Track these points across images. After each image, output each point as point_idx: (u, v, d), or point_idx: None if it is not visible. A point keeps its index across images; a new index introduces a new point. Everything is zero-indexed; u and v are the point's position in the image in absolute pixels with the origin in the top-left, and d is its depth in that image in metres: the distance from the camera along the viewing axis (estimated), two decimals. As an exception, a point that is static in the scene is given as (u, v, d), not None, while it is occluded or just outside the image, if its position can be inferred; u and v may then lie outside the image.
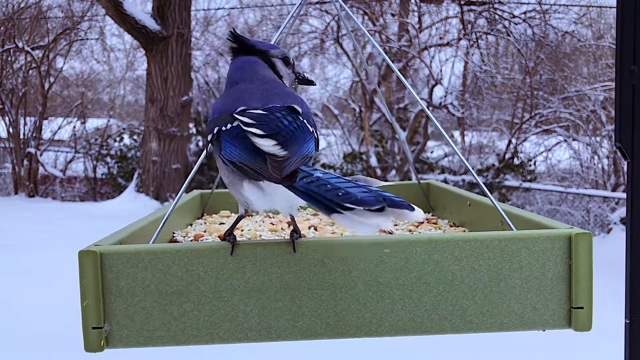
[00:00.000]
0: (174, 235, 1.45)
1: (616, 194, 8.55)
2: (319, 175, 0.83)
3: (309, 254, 0.95)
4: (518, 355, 3.53)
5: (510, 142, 9.93)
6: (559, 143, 10.49)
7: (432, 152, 11.11)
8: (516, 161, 9.74)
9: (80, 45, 12.38)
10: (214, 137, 0.97)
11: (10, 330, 3.75)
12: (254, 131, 0.89)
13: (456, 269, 0.96)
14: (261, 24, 12.00)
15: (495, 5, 9.08)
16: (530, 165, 10.03)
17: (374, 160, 9.87)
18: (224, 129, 0.95)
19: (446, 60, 10.46)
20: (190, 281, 0.94)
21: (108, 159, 11.53)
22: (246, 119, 0.91)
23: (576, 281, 0.97)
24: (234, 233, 1.00)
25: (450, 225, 1.56)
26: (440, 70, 9.68)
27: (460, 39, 9.47)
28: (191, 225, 1.63)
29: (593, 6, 10.05)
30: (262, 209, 0.96)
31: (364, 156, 10.21)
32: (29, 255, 5.61)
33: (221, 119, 0.97)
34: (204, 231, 1.49)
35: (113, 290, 0.94)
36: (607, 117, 9.24)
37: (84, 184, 12.14)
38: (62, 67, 12.33)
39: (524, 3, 9.68)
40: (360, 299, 0.96)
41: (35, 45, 11.42)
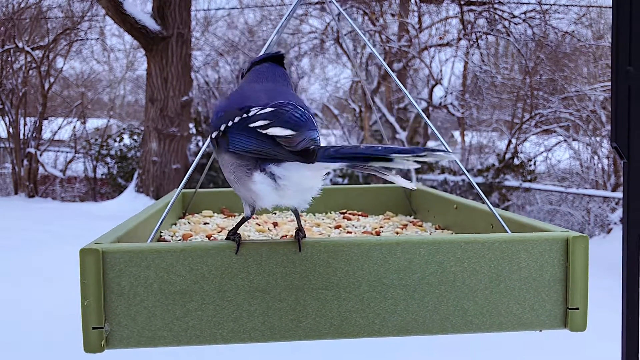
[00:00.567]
0: (162, 234, 1.44)
1: (616, 194, 8.55)
2: (344, 151, 0.84)
3: (314, 254, 0.95)
4: (516, 355, 3.54)
5: (510, 142, 9.93)
6: (559, 143, 10.50)
7: (432, 152, 11.10)
8: (516, 161, 9.74)
9: (80, 45, 12.38)
10: (219, 135, 0.96)
11: (10, 330, 3.75)
12: (261, 124, 0.90)
13: (458, 270, 0.97)
14: (261, 24, 12.01)
15: (495, 5, 9.09)
16: (530, 165, 10.04)
17: (374, 160, 9.86)
18: (231, 123, 0.95)
19: (446, 60, 10.49)
20: (194, 280, 0.93)
21: (108, 159, 11.52)
22: (255, 119, 0.91)
23: (572, 283, 0.98)
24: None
25: (436, 228, 1.57)
26: (440, 70, 9.70)
27: (460, 39, 9.48)
28: (175, 224, 1.62)
29: (593, 6, 10.06)
30: (272, 202, 0.95)
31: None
32: (29, 255, 5.61)
33: (227, 115, 0.97)
34: (191, 231, 1.49)
35: (114, 289, 0.92)
36: (607, 117, 9.24)
37: (84, 184, 12.14)
38: (62, 67, 12.34)
39: (524, 3, 9.69)
40: (364, 299, 0.96)
41: (35, 45, 11.42)
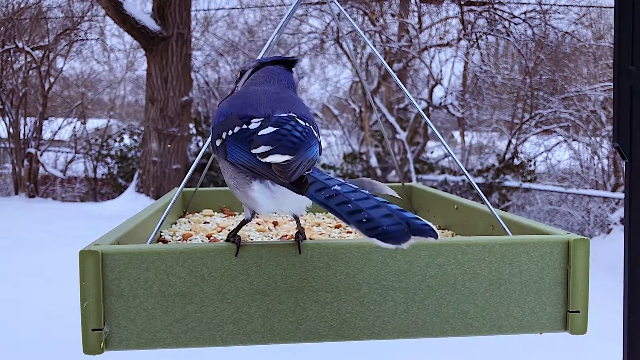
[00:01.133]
0: (162, 234, 1.45)
1: (616, 194, 8.55)
2: (337, 188, 0.82)
3: (314, 257, 0.95)
4: (518, 357, 3.53)
5: (510, 143, 9.93)
6: (559, 143, 10.50)
7: (432, 153, 11.11)
8: (516, 161, 9.74)
9: (81, 45, 12.37)
10: (222, 142, 0.97)
11: (10, 330, 3.75)
12: (262, 150, 0.89)
13: (458, 272, 0.97)
14: (261, 24, 12.00)
15: (495, 6, 9.08)
16: (530, 166, 10.04)
17: (374, 161, 9.87)
18: (231, 133, 0.95)
19: (446, 60, 10.48)
20: (194, 282, 0.93)
21: (108, 159, 11.52)
22: (259, 148, 0.91)
23: (573, 285, 0.98)
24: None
25: (437, 229, 1.56)
26: (440, 71, 9.69)
27: (460, 39, 9.47)
28: (175, 223, 1.63)
29: (593, 6, 10.05)
30: (270, 210, 0.96)
31: (364, 156, 10.21)
32: (29, 256, 5.61)
33: (227, 122, 0.97)
34: (191, 230, 1.49)
35: (114, 291, 0.92)
36: (607, 118, 9.24)
37: (84, 184, 12.13)
38: (62, 68, 12.33)
39: (524, 3, 9.68)
40: (364, 301, 0.96)
41: (35, 45, 11.42)
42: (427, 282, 0.97)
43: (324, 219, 1.72)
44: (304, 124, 0.95)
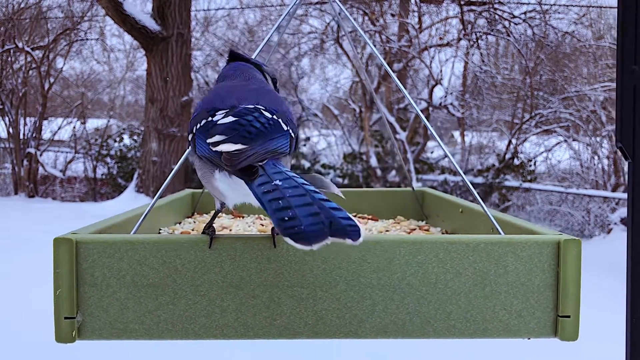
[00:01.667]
0: (160, 231, 1.44)
1: (616, 194, 8.53)
2: (278, 183, 0.82)
3: (289, 250, 0.93)
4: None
5: (510, 143, 9.91)
6: (559, 143, 10.48)
7: (432, 153, 11.09)
8: (516, 161, 9.72)
9: (80, 45, 12.38)
10: (192, 136, 0.98)
11: (9, 330, 3.74)
12: (216, 140, 0.90)
13: (440, 271, 0.94)
14: (261, 24, 12.01)
15: (495, 6, 9.07)
16: (530, 166, 10.02)
17: (374, 161, 9.85)
18: (198, 126, 0.96)
19: (446, 60, 10.46)
20: (167, 274, 0.92)
21: (108, 159, 11.53)
22: (214, 137, 0.92)
23: (563, 289, 0.94)
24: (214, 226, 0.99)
25: (443, 233, 1.54)
26: (441, 71, 9.67)
27: (460, 39, 9.46)
28: (180, 223, 1.62)
29: (593, 6, 10.03)
30: (236, 201, 0.95)
31: (364, 156, 10.20)
32: (29, 255, 5.60)
33: (197, 117, 0.99)
34: (192, 230, 1.48)
35: (87, 279, 0.92)
36: (607, 118, 9.22)
37: (84, 184, 12.14)
38: (62, 68, 12.35)
39: (524, 3, 9.67)
40: (341, 298, 0.94)
41: (35, 45, 11.43)
42: (407, 280, 0.94)
43: None
44: (269, 115, 0.95)
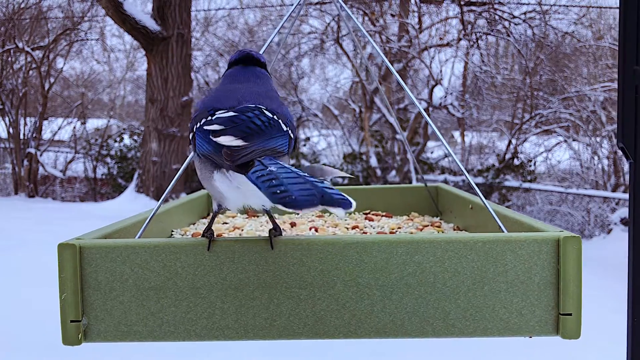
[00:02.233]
0: (173, 233, 1.45)
1: (616, 195, 8.53)
2: (272, 169, 0.83)
3: (287, 252, 0.94)
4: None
5: (510, 143, 9.92)
6: (559, 143, 10.48)
7: (432, 153, 11.09)
8: (516, 162, 9.73)
9: (81, 45, 12.39)
10: (193, 136, 0.98)
11: (9, 330, 3.75)
12: (214, 128, 0.91)
13: (438, 270, 0.94)
14: (261, 24, 12.01)
15: (495, 6, 9.07)
16: (530, 166, 10.02)
17: (374, 161, 9.86)
18: (198, 125, 0.96)
19: (446, 60, 10.47)
20: (168, 277, 0.94)
21: (108, 160, 11.53)
22: (212, 125, 0.92)
23: (564, 287, 0.93)
24: (212, 229, 1.00)
25: (454, 229, 1.53)
26: (440, 71, 9.68)
27: (460, 39, 9.46)
28: (193, 224, 1.63)
29: (593, 7, 10.04)
30: (236, 203, 0.95)
31: (364, 156, 10.21)
32: (29, 255, 5.61)
33: (197, 117, 0.99)
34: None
35: (91, 283, 0.94)
36: (607, 118, 9.22)
37: (84, 184, 12.15)
38: (62, 68, 12.35)
39: (524, 3, 9.67)
40: (340, 299, 0.94)
41: (35, 45, 11.44)
42: (405, 280, 0.94)
43: (345, 219, 1.66)
44: (270, 115, 0.95)
